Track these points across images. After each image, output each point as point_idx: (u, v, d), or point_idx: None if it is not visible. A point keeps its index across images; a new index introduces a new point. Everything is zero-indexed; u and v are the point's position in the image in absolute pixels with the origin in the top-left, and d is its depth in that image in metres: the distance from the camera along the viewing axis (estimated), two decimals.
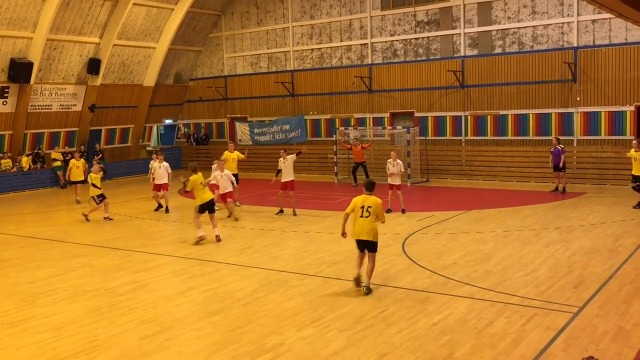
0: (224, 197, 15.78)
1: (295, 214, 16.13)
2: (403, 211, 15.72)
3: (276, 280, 10.11)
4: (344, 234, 9.52)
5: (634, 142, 15.71)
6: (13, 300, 9.51)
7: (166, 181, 17.70)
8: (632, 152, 15.66)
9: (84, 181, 19.09)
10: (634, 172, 15.56)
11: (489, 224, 14.27)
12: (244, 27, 28.24)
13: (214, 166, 16.55)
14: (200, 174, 13.41)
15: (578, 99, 20.50)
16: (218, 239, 13.17)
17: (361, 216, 9.06)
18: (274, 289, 9.60)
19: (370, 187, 9.31)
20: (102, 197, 16.46)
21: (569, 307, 8.17)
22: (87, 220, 16.35)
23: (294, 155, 16.63)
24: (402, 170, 16.30)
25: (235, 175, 16.84)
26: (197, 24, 28.48)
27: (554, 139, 19.10)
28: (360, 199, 9.19)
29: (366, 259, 9.24)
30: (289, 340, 7.39)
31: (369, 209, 9.03)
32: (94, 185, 16.34)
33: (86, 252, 12.87)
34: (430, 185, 21.80)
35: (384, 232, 13.39)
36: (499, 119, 22.06)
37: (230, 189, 15.88)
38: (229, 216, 15.63)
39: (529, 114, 21.44)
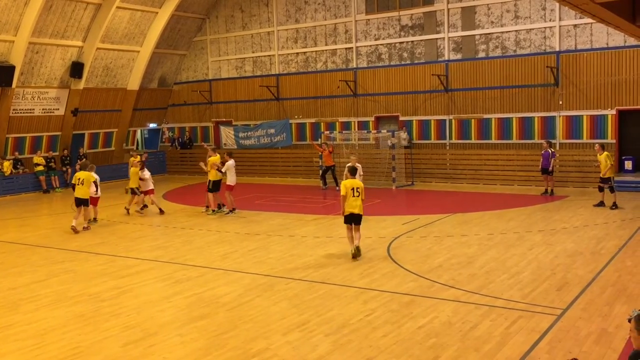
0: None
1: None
2: None
3: (262, 284, 10.07)
4: (344, 212, 11.52)
5: (596, 146, 16.47)
6: None
7: (151, 187, 17.93)
8: (599, 157, 16.35)
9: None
10: (601, 173, 16.27)
11: (473, 227, 14.36)
12: (228, 30, 28.18)
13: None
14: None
15: (560, 102, 20.72)
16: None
17: (353, 196, 11.39)
18: (259, 293, 9.57)
19: (354, 172, 12.32)
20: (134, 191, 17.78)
21: (553, 310, 8.24)
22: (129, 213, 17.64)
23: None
24: (362, 174, 16.57)
25: (217, 182, 17.06)
26: (182, 28, 28.37)
27: (544, 142, 19.15)
28: (349, 183, 11.47)
29: (355, 234, 11.48)
30: (275, 344, 7.36)
31: (358, 190, 11.45)
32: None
33: (69, 257, 12.73)
34: (415, 188, 21.89)
35: (369, 235, 13.46)
36: (482, 122, 22.22)
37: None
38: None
39: (512, 117, 21.62)
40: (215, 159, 17.01)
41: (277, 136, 26.71)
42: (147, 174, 17.66)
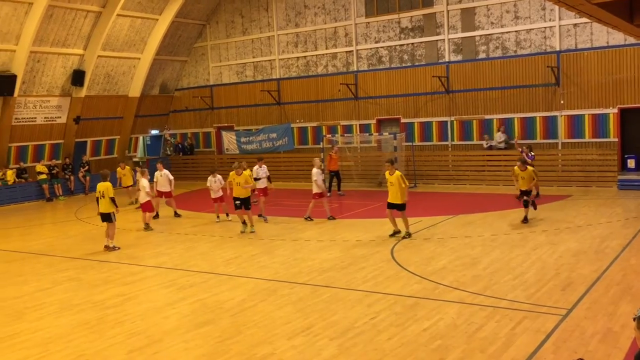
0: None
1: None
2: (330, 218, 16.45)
3: (265, 289, 10.07)
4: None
5: (518, 163, 14.79)
6: (0, 315, 9.40)
7: (169, 189, 18.16)
8: (517, 170, 14.73)
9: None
10: (521, 187, 14.68)
11: (476, 228, 14.33)
12: (229, 36, 28.24)
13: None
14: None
15: (562, 102, 20.71)
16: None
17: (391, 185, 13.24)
18: (263, 298, 9.57)
19: (392, 162, 13.72)
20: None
21: (558, 310, 8.22)
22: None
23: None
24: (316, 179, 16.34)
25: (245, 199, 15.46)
26: (182, 34, 28.44)
27: (525, 147, 18.32)
28: (386, 174, 13.51)
29: (399, 220, 13.35)
30: (280, 349, 7.35)
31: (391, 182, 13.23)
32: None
33: (73, 265, 12.74)
34: (418, 190, 21.86)
35: (372, 238, 13.45)
36: (484, 123, 22.21)
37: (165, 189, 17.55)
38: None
39: (513, 118, 21.60)
40: (247, 173, 15.72)
41: (279, 140, 26.74)
42: (145, 183, 17.38)
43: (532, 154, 17.89)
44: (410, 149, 23.04)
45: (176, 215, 18.34)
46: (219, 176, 16.97)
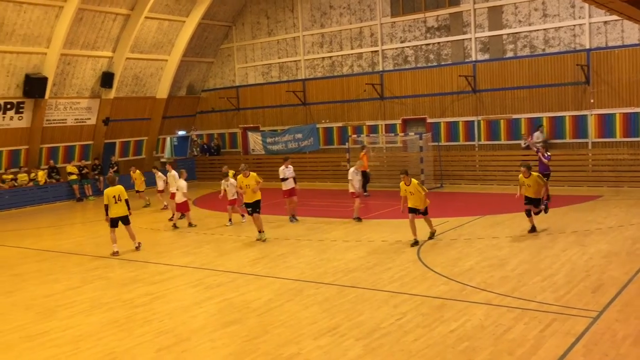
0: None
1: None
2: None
3: (292, 289, 10.10)
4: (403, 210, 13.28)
5: (522, 168, 13.37)
6: (31, 314, 9.59)
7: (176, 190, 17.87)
8: (521, 178, 13.48)
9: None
10: (527, 194, 13.42)
11: (504, 229, 14.16)
12: (254, 37, 28.39)
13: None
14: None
15: (592, 101, 20.35)
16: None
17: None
18: (289, 298, 9.60)
19: (407, 172, 13.23)
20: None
21: (588, 312, 8.07)
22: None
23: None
24: (351, 178, 16.25)
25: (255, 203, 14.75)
26: (209, 36, 28.69)
27: (540, 146, 18.06)
28: (402, 185, 13.10)
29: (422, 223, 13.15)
30: (306, 349, 7.37)
31: (411, 192, 12.99)
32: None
33: (102, 264, 12.95)
34: (444, 191, 21.70)
35: (398, 238, 13.39)
36: (512, 123, 21.94)
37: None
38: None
39: (542, 117, 21.30)
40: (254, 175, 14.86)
41: (304, 141, 26.80)
42: (183, 183, 17.40)
43: (549, 154, 17.55)
44: (436, 149, 22.88)
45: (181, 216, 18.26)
46: (232, 180, 16.75)
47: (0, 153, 24.07)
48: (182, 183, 16.79)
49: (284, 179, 16.72)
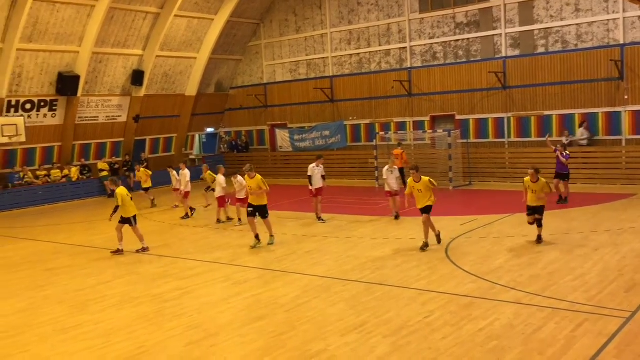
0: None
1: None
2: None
3: (319, 286, 10.12)
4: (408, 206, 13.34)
5: (530, 171, 12.34)
6: (64, 307, 9.80)
7: (189, 189, 18.58)
8: (527, 182, 12.37)
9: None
10: (530, 203, 12.36)
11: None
12: (282, 34, 28.46)
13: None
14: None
15: (626, 97, 19.90)
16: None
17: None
18: (317, 294, 9.62)
19: (417, 169, 12.74)
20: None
21: (621, 312, 7.92)
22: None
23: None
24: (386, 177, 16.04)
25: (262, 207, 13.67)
26: (237, 33, 28.86)
27: (559, 145, 17.36)
28: (410, 181, 12.69)
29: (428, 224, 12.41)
30: (333, 346, 7.38)
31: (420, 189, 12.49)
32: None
33: (132, 259, 13.16)
34: (473, 188, 21.48)
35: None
36: (543, 119, 21.60)
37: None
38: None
39: (574, 114, 20.92)
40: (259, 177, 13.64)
41: (332, 138, 26.79)
42: (222, 179, 17.23)
43: (567, 152, 16.93)
44: (465, 146, 22.65)
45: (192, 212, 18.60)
46: (240, 178, 16.09)
47: (34, 150, 24.61)
48: (221, 178, 16.98)
49: (310, 177, 16.42)
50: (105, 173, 25.67)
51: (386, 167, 16.22)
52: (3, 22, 21.58)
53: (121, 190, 13.66)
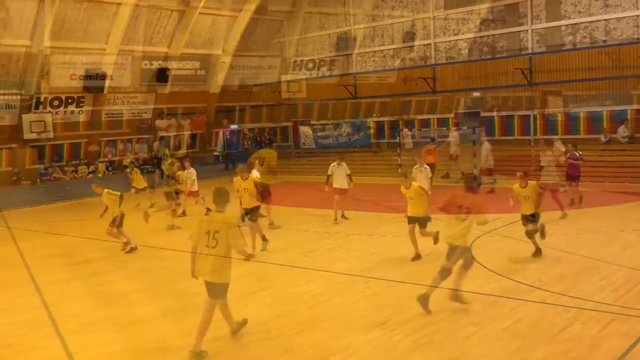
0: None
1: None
2: None
3: (341, 283, 10.11)
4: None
5: (518, 174, 11.62)
6: (89, 301, 9.93)
7: (196, 188, 17.84)
8: (516, 189, 11.72)
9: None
10: (525, 212, 11.46)
11: (559, 226, 13.75)
12: (306, 31, 28.46)
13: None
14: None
15: None
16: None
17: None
18: (339, 291, 9.61)
19: (406, 175, 12.20)
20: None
21: None
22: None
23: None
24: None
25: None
26: (261, 30, 28.95)
27: (570, 145, 16.74)
28: (402, 190, 11.92)
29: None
30: (355, 343, 7.37)
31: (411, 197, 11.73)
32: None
33: (158, 254, 13.29)
34: (497, 186, 21.16)
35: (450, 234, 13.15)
36: (570, 116, 21.27)
37: None
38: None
39: (602, 111, 20.56)
40: (253, 177, 13.41)
41: (355, 135, 26.73)
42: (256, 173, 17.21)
43: (580, 153, 16.06)
44: (490, 144, 22.37)
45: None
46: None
47: (61, 146, 25.01)
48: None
49: (329, 176, 15.92)
50: (129, 170, 25.90)
51: (416, 166, 15.41)
52: (31, 21, 21.96)
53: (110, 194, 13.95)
